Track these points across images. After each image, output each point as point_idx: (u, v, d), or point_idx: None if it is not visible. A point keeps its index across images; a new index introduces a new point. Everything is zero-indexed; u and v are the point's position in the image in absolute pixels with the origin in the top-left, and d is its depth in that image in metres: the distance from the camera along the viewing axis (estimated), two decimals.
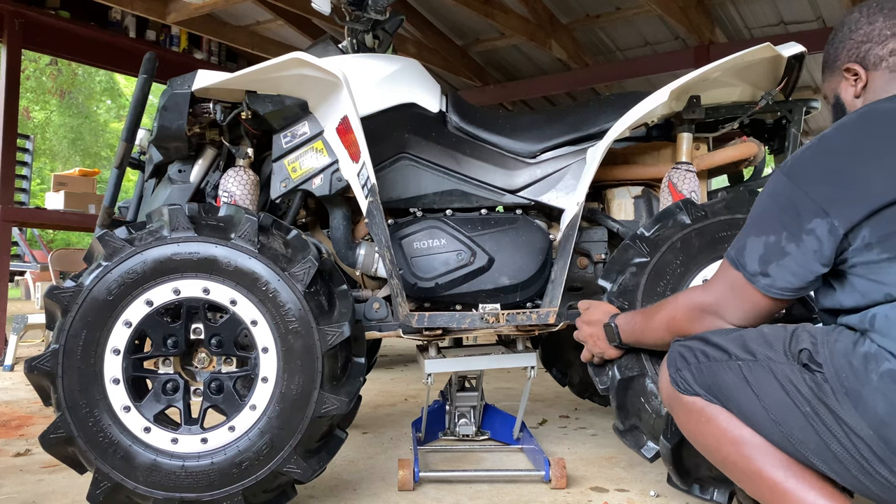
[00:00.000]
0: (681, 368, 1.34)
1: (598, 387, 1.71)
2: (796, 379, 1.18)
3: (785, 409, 1.18)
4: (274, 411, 1.57)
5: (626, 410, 1.68)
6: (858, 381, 1.12)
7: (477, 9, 4.80)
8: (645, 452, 1.65)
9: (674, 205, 1.81)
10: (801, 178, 1.22)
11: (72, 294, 1.53)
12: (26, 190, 7.88)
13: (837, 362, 1.15)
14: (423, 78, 2.14)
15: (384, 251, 1.80)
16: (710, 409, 1.30)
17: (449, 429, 2.39)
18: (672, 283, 1.71)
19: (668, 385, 1.38)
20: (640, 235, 1.78)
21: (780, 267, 1.23)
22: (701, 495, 1.57)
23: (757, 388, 1.22)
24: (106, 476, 1.53)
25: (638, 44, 5.67)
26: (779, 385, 1.19)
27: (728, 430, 1.27)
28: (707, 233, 1.74)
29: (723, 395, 1.28)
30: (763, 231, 1.26)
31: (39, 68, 17.58)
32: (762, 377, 1.22)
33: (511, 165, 2.11)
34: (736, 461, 1.26)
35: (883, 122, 1.20)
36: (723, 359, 1.28)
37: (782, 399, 1.18)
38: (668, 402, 1.41)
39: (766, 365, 1.22)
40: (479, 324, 1.90)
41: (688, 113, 2.00)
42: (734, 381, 1.25)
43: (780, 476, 1.20)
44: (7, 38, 4.72)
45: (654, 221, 1.80)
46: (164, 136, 1.86)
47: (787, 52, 1.92)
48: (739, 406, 1.25)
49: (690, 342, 1.37)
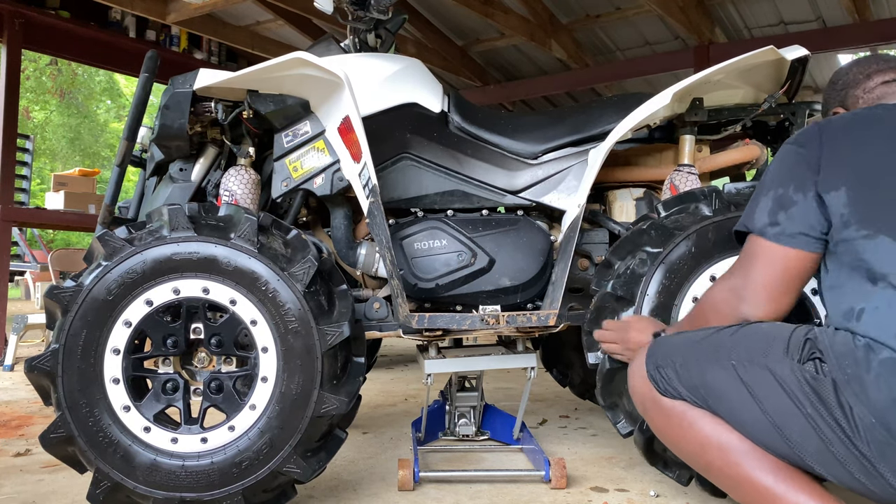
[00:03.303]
0: (662, 366, 1.31)
1: (588, 361, 1.78)
2: (797, 379, 1.16)
3: (785, 412, 1.16)
4: (274, 411, 1.57)
5: (608, 391, 1.75)
6: (860, 367, 1.11)
7: (477, 9, 4.80)
8: (620, 428, 1.74)
9: (698, 191, 1.78)
10: (807, 143, 1.30)
11: (72, 294, 1.53)
12: (26, 190, 7.87)
13: (838, 350, 1.14)
14: (425, 78, 2.14)
15: (385, 251, 1.80)
16: (692, 414, 1.28)
17: (449, 429, 2.38)
18: (678, 278, 1.71)
19: (643, 385, 1.35)
20: (658, 224, 1.76)
21: (789, 215, 1.26)
22: (664, 471, 1.69)
23: (755, 391, 1.20)
24: (106, 476, 1.53)
25: (638, 44, 5.67)
26: (779, 387, 1.17)
27: (713, 436, 1.25)
28: (725, 227, 1.70)
29: (712, 396, 1.25)
30: (772, 188, 1.30)
31: (39, 68, 17.57)
32: (761, 379, 1.19)
33: (513, 166, 2.11)
34: (722, 467, 1.25)
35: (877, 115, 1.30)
36: (714, 357, 1.25)
37: (783, 401, 1.16)
38: (643, 404, 1.37)
39: (764, 365, 1.19)
40: (480, 325, 1.90)
41: (690, 115, 2.00)
42: (728, 382, 1.23)
43: (770, 481, 1.19)
44: (7, 38, 4.72)
45: (675, 201, 1.78)
46: (165, 135, 1.86)
47: (791, 55, 1.92)
48: (731, 409, 1.23)
49: (675, 337, 1.34)
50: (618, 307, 1.74)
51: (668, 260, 1.70)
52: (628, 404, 1.71)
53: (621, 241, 1.81)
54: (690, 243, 1.71)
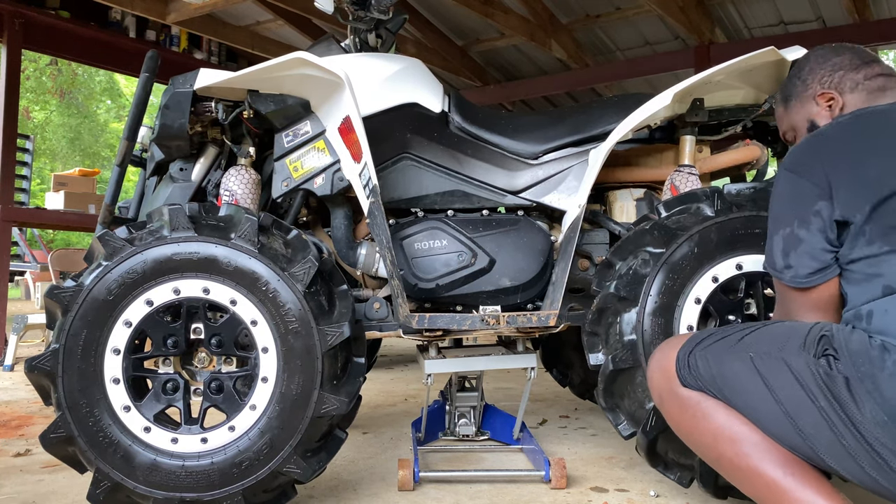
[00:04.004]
0: (695, 355, 1.32)
1: (589, 362, 1.78)
2: (812, 372, 1.17)
3: (799, 404, 1.17)
4: (274, 411, 1.57)
5: (610, 392, 1.76)
6: (874, 366, 1.12)
7: (477, 9, 4.80)
8: (622, 430, 1.74)
9: (700, 191, 1.78)
10: (802, 168, 1.29)
11: (72, 294, 1.53)
12: (26, 190, 7.88)
13: (853, 348, 1.15)
14: (425, 78, 2.14)
15: (385, 251, 1.80)
16: (706, 405, 1.29)
17: (449, 429, 2.38)
18: (680, 279, 1.71)
19: (662, 377, 1.36)
20: (661, 225, 1.75)
21: (798, 254, 1.27)
22: (665, 473, 1.71)
23: (770, 382, 1.21)
24: (106, 476, 1.53)
25: (638, 44, 5.67)
26: (794, 379, 1.18)
27: (726, 426, 1.26)
28: (728, 228, 1.71)
29: (728, 386, 1.26)
30: (780, 227, 1.31)
31: (39, 68, 17.56)
32: (776, 370, 1.21)
33: (513, 166, 2.10)
34: (732, 458, 1.26)
35: (877, 120, 1.28)
36: (734, 350, 1.27)
37: (797, 393, 1.18)
38: (660, 396, 1.38)
39: (780, 357, 1.21)
40: (480, 325, 1.90)
41: (691, 115, 2.00)
42: (744, 373, 1.24)
43: (779, 474, 1.20)
44: (7, 38, 4.71)
45: (677, 201, 1.78)
46: (165, 135, 1.86)
47: (791, 55, 1.92)
48: (746, 399, 1.24)
49: (710, 331, 1.36)
50: (620, 308, 1.74)
51: (671, 260, 1.71)
52: (630, 406, 1.71)
53: (623, 241, 1.81)
54: (693, 244, 1.71)
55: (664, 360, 1.38)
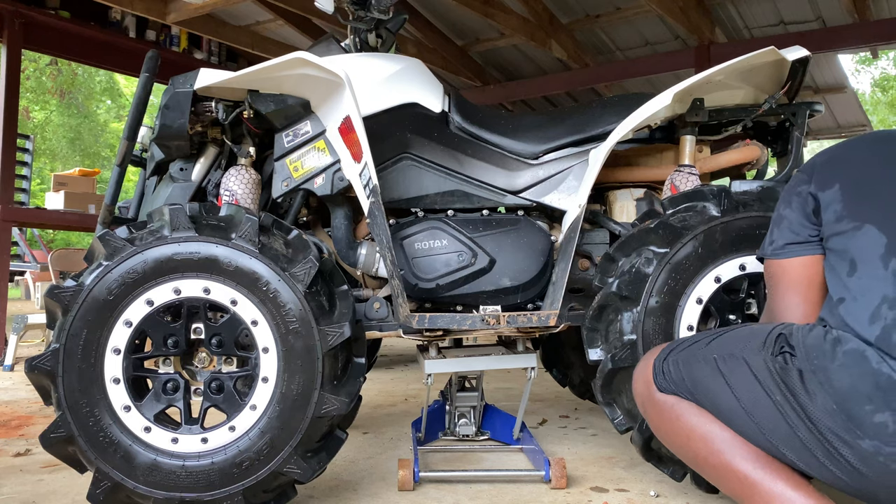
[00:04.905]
0: (668, 360, 1.39)
1: (588, 357, 1.80)
2: (768, 369, 1.23)
3: (756, 399, 1.23)
4: (274, 411, 1.57)
5: (608, 388, 1.78)
6: (825, 358, 1.17)
7: (477, 9, 4.79)
8: (617, 425, 1.78)
9: (707, 189, 1.78)
10: (805, 167, 1.40)
11: (72, 293, 1.53)
12: (26, 190, 7.88)
13: (809, 343, 1.21)
14: (425, 77, 2.14)
15: (385, 251, 1.80)
16: (680, 407, 1.35)
17: (449, 429, 2.38)
18: (683, 279, 1.71)
19: (643, 387, 1.43)
20: (665, 223, 1.75)
21: (781, 230, 1.36)
22: (659, 466, 1.73)
23: (730, 380, 1.27)
24: (106, 475, 1.53)
25: (638, 44, 5.67)
26: (752, 376, 1.24)
27: (698, 425, 1.32)
28: (733, 228, 1.71)
29: (697, 387, 1.32)
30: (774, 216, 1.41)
31: (39, 68, 17.56)
32: (737, 369, 1.27)
33: (513, 166, 2.10)
34: (706, 456, 1.31)
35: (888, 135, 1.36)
36: (702, 353, 1.33)
37: (754, 389, 1.23)
38: (643, 405, 1.45)
39: (741, 357, 1.27)
40: (480, 325, 1.90)
41: (691, 115, 2.00)
42: (709, 373, 1.31)
43: (749, 468, 1.24)
44: (7, 38, 4.71)
45: (683, 199, 1.78)
46: (165, 135, 1.86)
47: (792, 55, 1.92)
48: (712, 398, 1.30)
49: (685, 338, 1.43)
50: (621, 306, 1.74)
51: (674, 260, 1.71)
52: (627, 402, 1.73)
53: (627, 237, 1.81)
54: (697, 244, 1.71)
55: (644, 370, 1.44)
